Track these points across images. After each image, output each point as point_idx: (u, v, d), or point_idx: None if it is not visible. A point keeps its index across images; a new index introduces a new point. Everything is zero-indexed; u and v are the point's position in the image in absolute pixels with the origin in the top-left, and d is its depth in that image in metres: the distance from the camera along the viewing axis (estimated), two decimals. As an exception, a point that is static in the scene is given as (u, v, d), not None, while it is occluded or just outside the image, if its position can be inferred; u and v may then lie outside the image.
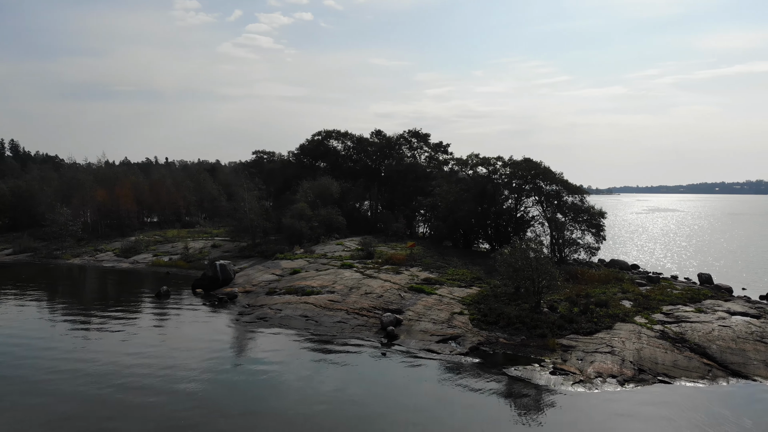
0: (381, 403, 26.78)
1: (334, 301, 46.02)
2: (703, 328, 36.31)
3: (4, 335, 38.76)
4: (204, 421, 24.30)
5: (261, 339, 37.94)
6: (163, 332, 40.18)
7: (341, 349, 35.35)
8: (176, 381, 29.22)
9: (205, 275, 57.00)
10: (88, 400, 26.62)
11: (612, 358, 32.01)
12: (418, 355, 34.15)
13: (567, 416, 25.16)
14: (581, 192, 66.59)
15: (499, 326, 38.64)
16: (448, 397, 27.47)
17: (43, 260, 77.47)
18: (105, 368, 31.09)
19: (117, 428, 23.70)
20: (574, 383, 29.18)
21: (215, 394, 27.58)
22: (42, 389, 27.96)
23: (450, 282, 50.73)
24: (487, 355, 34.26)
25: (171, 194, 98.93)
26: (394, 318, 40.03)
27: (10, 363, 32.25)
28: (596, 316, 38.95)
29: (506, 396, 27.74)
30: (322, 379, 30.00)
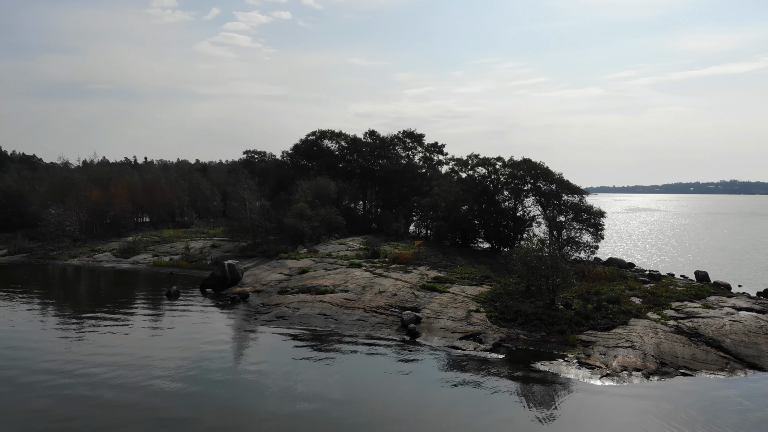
0: (426, 397, 27.49)
1: (350, 299, 46.60)
2: (715, 323, 37.72)
3: (33, 340, 38.65)
4: (246, 423, 24.79)
5: (285, 337, 38.36)
6: (186, 331, 40.35)
7: (368, 346, 35.98)
8: (209, 381, 29.61)
9: (214, 275, 57.12)
10: (132, 402, 26.91)
11: (634, 353, 33.17)
12: (444, 352, 34.94)
13: (607, 408, 26.13)
14: (580, 192, 68.08)
15: (518, 323, 39.61)
16: (485, 391, 28.26)
17: (39, 261, 76.61)
18: (139, 367, 31.34)
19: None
20: (602, 377, 30.24)
21: (251, 393, 28.04)
22: (72, 390, 28.13)
23: (460, 280, 51.64)
24: (510, 351, 35.18)
25: (166, 194, 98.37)
26: (414, 316, 40.78)
27: (37, 368, 32.31)
28: (611, 312, 40.16)
29: (541, 390, 28.65)
30: (359, 376, 30.63)
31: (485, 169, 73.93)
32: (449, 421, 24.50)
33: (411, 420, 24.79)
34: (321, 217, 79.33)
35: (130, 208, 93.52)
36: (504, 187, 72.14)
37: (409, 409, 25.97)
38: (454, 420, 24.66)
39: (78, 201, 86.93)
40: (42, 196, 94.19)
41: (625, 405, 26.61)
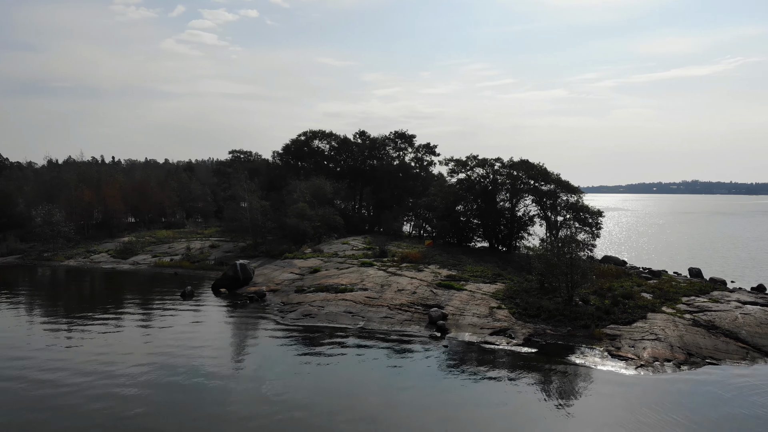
0: (487, 393, 28.70)
1: (371, 297, 47.56)
2: (727, 316, 39.91)
3: (66, 343, 38.56)
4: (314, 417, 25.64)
5: (318, 335, 39.10)
6: (218, 331, 40.78)
7: (402, 342, 37.04)
8: (261, 379, 30.30)
9: (226, 275, 57.39)
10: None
11: (661, 344, 35.00)
12: (477, 347, 36.24)
13: (655, 396, 27.69)
14: (577, 191, 70.23)
15: (541, 319, 41.16)
16: (538, 385, 29.63)
17: (33, 262, 75.39)
18: (190, 368, 31.79)
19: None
20: (637, 367, 31.93)
21: (308, 389, 28.87)
22: (118, 389, 28.53)
23: (473, 279, 53.05)
24: (540, 345, 36.62)
25: (157, 194, 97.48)
26: (441, 313, 42.00)
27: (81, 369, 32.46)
28: (629, 307, 42.04)
29: (585, 381, 30.14)
30: (411, 370, 31.69)
31: (484, 170, 75.62)
32: (523, 414, 25.79)
33: (488, 412, 25.99)
34: (320, 217, 79.91)
35: (123, 209, 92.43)
36: (503, 188, 73.90)
37: (481, 402, 27.16)
38: (524, 414, 25.97)
39: (70, 201, 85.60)
40: (29, 196, 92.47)
41: (672, 391, 28.26)
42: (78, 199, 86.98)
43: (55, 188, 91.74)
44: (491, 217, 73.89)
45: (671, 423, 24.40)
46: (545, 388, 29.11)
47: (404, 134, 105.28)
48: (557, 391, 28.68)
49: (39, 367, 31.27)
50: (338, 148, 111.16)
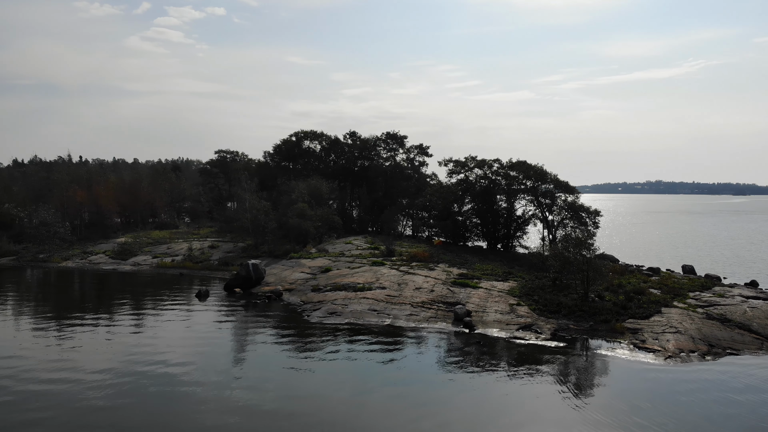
0: (537, 381, 30.09)
1: (392, 296, 48.62)
2: (736, 310, 42.21)
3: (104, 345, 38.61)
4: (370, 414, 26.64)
5: (350, 332, 39.96)
6: (246, 330, 41.32)
7: (435, 338, 38.25)
8: (307, 373, 31.15)
9: (239, 274, 57.69)
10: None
11: (682, 337, 36.97)
12: (508, 342, 37.66)
13: (695, 384, 29.45)
14: (574, 191, 72.44)
15: (562, 315, 42.83)
16: (578, 375, 31.16)
17: (29, 264, 74.23)
18: (258, 366, 32.41)
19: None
20: (666, 358, 33.76)
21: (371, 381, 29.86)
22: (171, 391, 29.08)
23: (486, 277, 54.54)
24: (567, 339, 38.24)
25: (149, 194, 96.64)
26: (466, 310, 43.34)
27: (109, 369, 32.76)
28: (643, 302, 44.05)
29: (620, 372, 31.77)
30: (458, 364, 32.91)
31: (482, 170, 77.40)
32: (589, 402, 27.24)
33: (555, 403, 27.37)
34: (320, 217, 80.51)
35: (117, 209, 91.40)
36: (501, 188, 75.71)
37: (542, 394, 28.53)
38: (590, 403, 27.41)
39: (62, 201, 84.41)
40: (18, 196, 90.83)
41: (707, 380, 30.08)
42: (70, 200, 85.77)
43: (45, 188, 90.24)
44: (490, 217, 75.69)
45: (723, 405, 26.18)
46: (591, 380, 30.68)
47: (396, 135, 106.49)
48: (605, 382, 30.22)
49: (86, 369, 31.49)
50: (329, 149, 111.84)
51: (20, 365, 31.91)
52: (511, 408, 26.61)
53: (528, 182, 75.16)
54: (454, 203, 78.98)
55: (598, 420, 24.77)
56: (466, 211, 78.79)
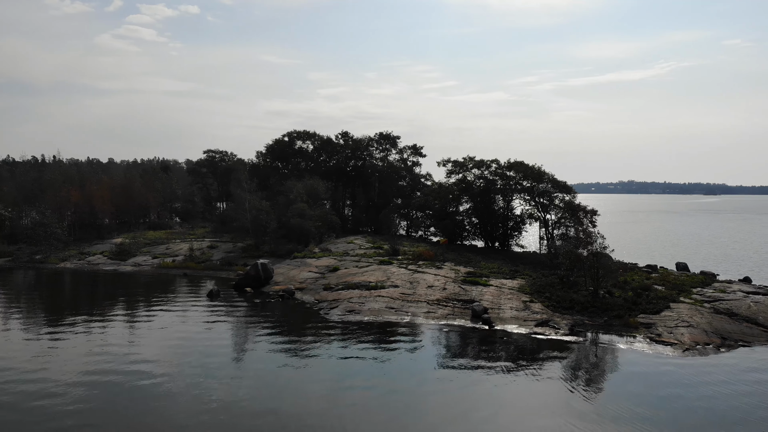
0: (575, 374, 31.26)
1: (406, 294, 49.48)
2: (741, 305, 44.04)
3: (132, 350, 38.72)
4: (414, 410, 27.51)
5: (374, 330, 40.67)
6: (271, 328, 41.77)
7: (458, 335, 39.25)
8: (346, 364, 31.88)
9: (248, 274, 58.00)
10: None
11: (695, 330, 38.56)
12: (528, 337, 38.83)
13: (721, 373, 30.93)
14: (572, 191, 74.07)
15: (576, 311, 44.18)
16: (605, 367, 32.43)
17: (27, 265, 73.27)
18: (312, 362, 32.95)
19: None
20: (684, 350, 35.28)
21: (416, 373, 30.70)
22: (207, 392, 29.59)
23: (494, 275, 55.73)
24: (585, 334, 39.55)
25: (143, 195, 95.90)
26: (483, 307, 44.42)
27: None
28: (652, 298, 45.64)
29: (644, 364, 33.10)
30: (495, 358, 33.93)
31: (480, 171, 78.71)
32: (614, 392, 28.48)
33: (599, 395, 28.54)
34: (319, 216, 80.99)
35: (113, 210, 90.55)
36: (499, 188, 77.06)
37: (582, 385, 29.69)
38: (628, 393, 28.66)
39: (58, 202, 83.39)
40: (9, 196, 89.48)
41: (729, 370, 31.59)
42: (65, 200, 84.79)
43: (37, 188, 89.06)
44: (489, 217, 77.04)
45: (751, 395, 27.67)
46: (620, 373, 31.92)
47: (389, 135, 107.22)
48: (635, 374, 31.44)
49: (122, 370, 31.73)
50: (321, 148, 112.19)
51: (52, 361, 32.01)
52: (558, 401, 27.66)
53: (525, 182, 76.66)
54: (453, 203, 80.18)
55: (637, 412, 25.97)
56: (464, 211, 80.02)
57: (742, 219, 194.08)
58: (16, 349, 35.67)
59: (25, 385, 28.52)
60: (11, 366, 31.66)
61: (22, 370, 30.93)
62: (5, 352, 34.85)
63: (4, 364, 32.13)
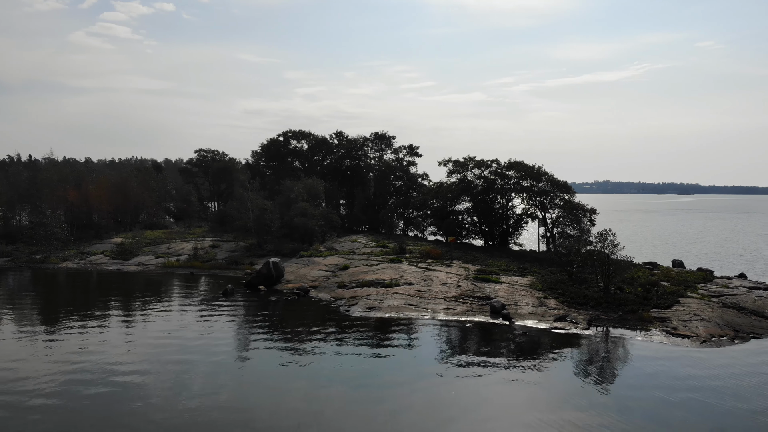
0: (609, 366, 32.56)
1: (422, 291, 50.48)
2: (746, 299, 45.96)
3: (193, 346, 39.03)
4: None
5: (399, 326, 41.59)
6: (299, 325, 42.42)
7: (481, 330, 40.36)
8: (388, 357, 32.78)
9: (260, 273, 58.44)
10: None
11: (708, 323, 40.24)
12: (551, 332, 40.11)
13: (743, 365, 32.46)
14: (571, 191, 75.77)
15: (590, 306, 45.63)
16: (634, 360, 33.81)
17: (28, 265, 72.58)
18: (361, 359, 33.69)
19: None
20: (701, 343, 36.86)
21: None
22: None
23: (503, 272, 56.96)
24: (603, 328, 40.97)
25: (140, 195, 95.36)
26: (501, 303, 45.62)
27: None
28: (661, 294, 47.34)
29: (671, 356, 34.55)
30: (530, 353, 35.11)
31: (480, 170, 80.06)
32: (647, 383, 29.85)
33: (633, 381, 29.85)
34: (321, 215, 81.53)
35: (109, 209, 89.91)
36: (500, 187, 78.46)
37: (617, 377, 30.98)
38: (648, 387, 30.03)
39: (52, 201, 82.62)
40: (2, 197, 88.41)
41: (748, 360, 33.19)
42: (62, 199, 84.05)
43: (32, 188, 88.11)
44: (489, 216, 78.45)
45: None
46: (647, 363, 33.21)
47: (384, 135, 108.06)
48: (661, 365, 32.78)
49: (161, 370, 32.20)
50: (316, 148, 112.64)
51: (93, 359, 32.34)
52: (602, 392, 28.89)
53: (524, 182, 78.19)
54: (452, 202, 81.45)
55: (670, 400, 27.33)
56: (464, 210, 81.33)
57: (721, 218, 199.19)
58: (51, 351, 35.77)
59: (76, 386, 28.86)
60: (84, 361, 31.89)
61: (69, 371, 31.21)
62: (34, 354, 35.00)
63: (46, 368, 32.33)
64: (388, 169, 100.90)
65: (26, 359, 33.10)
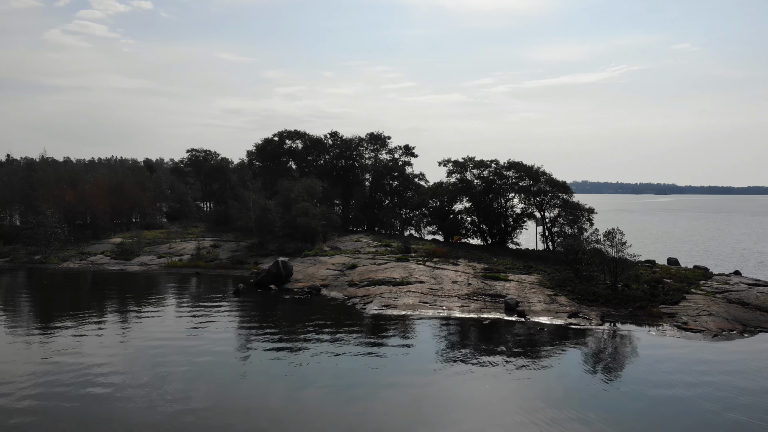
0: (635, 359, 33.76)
1: (434, 289, 51.40)
2: (749, 295, 47.67)
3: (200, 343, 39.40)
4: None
5: (418, 323, 42.43)
6: (322, 323, 43.05)
7: (503, 326, 41.42)
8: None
9: (270, 272, 58.85)
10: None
11: (717, 318, 41.78)
12: (567, 327, 41.30)
13: (758, 357, 33.93)
14: (569, 191, 77.40)
15: (600, 303, 46.94)
16: (656, 353, 35.10)
17: (27, 266, 71.97)
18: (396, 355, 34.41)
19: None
20: (713, 336, 38.33)
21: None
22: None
23: (510, 271, 58.17)
24: (616, 324, 42.25)
25: (136, 194, 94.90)
26: (516, 301, 46.73)
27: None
28: (668, 290, 48.85)
29: (689, 349, 35.85)
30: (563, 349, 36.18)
31: (479, 170, 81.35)
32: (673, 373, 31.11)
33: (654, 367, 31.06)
34: (322, 215, 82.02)
35: (108, 209, 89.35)
36: (500, 187, 79.81)
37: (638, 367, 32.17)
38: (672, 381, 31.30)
39: (49, 201, 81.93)
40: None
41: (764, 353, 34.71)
42: (58, 199, 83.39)
43: (27, 188, 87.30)
44: (489, 215, 79.76)
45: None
46: (668, 356, 34.48)
47: (379, 135, 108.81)
48: (681, 357, 34.08)
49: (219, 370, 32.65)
50: (311, 148, 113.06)
51: (112, 360, 32.70)
52: (633, 384, 30.06)
53: (521, 183, 79.64)
54: (451, 202, 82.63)
55: (703, 381, 28.63)
56: (463, 210, 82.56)
57: (703, 217, 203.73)
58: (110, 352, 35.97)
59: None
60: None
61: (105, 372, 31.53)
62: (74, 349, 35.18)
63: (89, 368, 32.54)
64: (385, 169, 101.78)
65: (55, 361, 33.26)
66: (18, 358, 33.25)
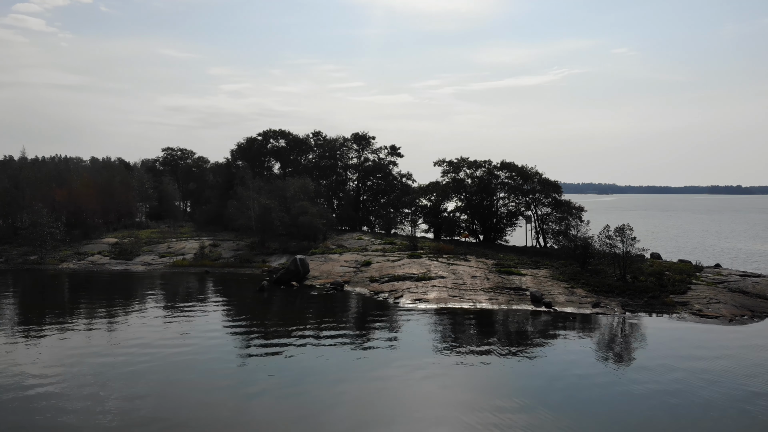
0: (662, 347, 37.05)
1: (458, 283, 53.83)
2: (745, 284, 52.28)
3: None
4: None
5: (463, 316, 44.76)
6: (373, 319, 44.77)
7: (535, 318, 44.28)
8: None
9: (289, 269, 59.92)
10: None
11: (727, 305, 45.92)
12: (594, 316, 44.53)
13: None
14: (559, 190, 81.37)
15: (615, 294, 50.49)
16: (682, 339, 38.62)
17: (23, 266, 70.27)
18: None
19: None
20: (729, 321, 42.33)
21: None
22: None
23: (521, 266, 61.22)
24: (634, 312, 45.79)
25: (125, 194, 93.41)
26: (541, 293, 49.73)
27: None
28: (675, 281, 52.92)
29: (714, 332, 39.59)
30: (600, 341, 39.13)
31: (473, 170, 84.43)
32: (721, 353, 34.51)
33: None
34: (320, 214, 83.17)
35: (97, 209, 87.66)
36: (493, 186, 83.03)
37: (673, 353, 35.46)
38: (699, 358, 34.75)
39: (44, 200, 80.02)
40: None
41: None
42: (47, 199, 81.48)
43: (12, 187, 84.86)
44: (482, 213, 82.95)
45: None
46: (700, 338, 38.06)
47: (364, 136, 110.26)
48: (714, 339, 37.73)
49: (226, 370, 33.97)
50: (293, 148, 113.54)
51: (153, 352, 33.68)
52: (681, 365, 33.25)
53: (511, 182, 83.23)
54: (445, 200, 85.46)
55: (737, 357, 32.10)
56: (456, 208, 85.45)
57: (653, 216, 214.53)
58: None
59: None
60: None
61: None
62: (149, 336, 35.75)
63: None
64: (371, 168, 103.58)
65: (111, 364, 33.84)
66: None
